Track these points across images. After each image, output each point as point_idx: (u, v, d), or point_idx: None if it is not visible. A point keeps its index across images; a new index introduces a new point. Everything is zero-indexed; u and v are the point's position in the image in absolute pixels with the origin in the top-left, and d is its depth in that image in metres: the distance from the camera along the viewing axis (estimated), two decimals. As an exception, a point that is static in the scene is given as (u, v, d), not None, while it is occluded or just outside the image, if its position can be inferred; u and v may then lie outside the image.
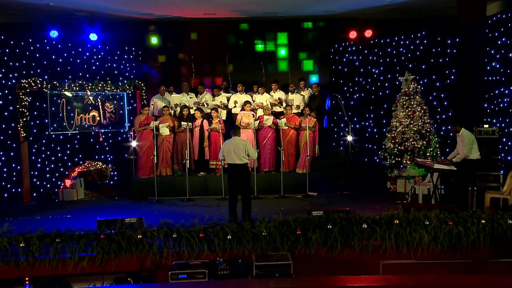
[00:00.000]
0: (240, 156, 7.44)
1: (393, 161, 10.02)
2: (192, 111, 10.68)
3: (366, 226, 6.16)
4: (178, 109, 10.82)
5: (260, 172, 10.16)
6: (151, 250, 6.03)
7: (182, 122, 10.03)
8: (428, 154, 9.69)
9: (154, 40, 12.32)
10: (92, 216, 7.53)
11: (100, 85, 10.91)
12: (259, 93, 11.05)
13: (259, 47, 12.72)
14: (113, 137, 11.45)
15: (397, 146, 9.95)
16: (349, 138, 10.93)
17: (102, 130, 11.20)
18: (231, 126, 8.40)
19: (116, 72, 11.62)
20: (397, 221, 6.19)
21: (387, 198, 9.24)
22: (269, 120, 10.14)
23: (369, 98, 12.07)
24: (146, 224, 6.47)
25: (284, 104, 10.79)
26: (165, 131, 10.09)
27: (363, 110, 12.15)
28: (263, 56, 12.65)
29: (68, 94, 10.55)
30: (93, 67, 11.33)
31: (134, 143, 10.23)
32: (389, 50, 11.71)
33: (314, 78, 12.87)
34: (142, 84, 11.62)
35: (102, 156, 11.31)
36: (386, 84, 11.69)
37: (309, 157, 9.95)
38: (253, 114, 10.18)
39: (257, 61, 12.60)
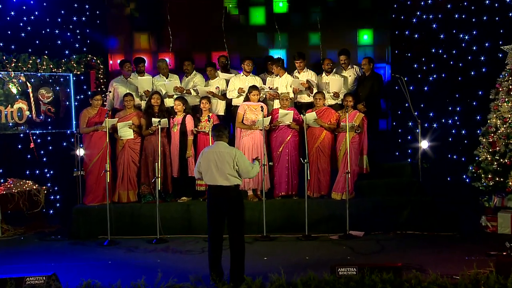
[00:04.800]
0: (225, 174, 7.01)
1: (492, 183, 9.72)
2: (169, 102, 10.56)
3: (428, 298, 5.80)
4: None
5: (274, 198, 10.09)
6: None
7: (153, 119, 9.81)
8: (550, 171, 9.50)
9: None
10: (5, 269, 7.48)
11: (31, 61, 10.80)
12: (277, 76, 10.76)
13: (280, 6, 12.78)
14: (53, 141, 11.39)
15: (498, 157, 9.72)
16: (421, 144, 10.63)
17: (37, 131, 11.07)
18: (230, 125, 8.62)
19: (59, 42, 11.54)
20: (484, 290, 5.75)
21: (479, 243, 8.86)
22: (287, 115, 9.89)
23: (453, 81, 11.69)
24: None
25: (315, 91, 10.51)
26: (127, 133, 9.95)
27: (444, 100, 11.82)
28: (279, 18, 12.74)
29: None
30: (22, 34, 11.22)
31: (81, 152, 10.11)
32: (487, 2, 11.28)
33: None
34: (99, 61, 11.65)
35: (37, 172, 11.26)
36: (482, 58, 11.23)
37: (352, 174, 9.74)
38: (261, 107, 9.83)
39: (271, 25, 12.61)
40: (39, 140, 11.09)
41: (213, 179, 7.08)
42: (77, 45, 11.60)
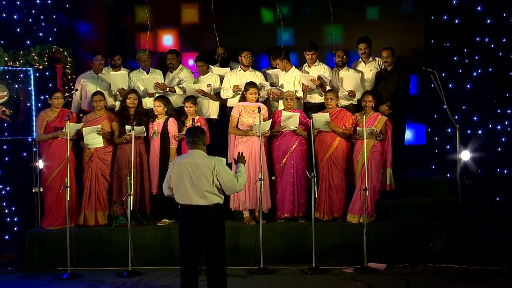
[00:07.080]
0: (202, 191, 6.95)
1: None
2: (149, 103, 10.66)
3: None
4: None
5: (276, 221, 10.13)
6: None
7: (126, 126, 9.87)
8: None
9: None
10: None
11: (-19, 53, 10.96)
12: (284, 71, 10.77)
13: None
14: (11, 151, 11.44)
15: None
16: (460, 155, 10.67)
17: (-11, 139, 11.36)
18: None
19: (18, 30, 11.59)
20: None
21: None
22: (292, 119, 9.89)
23: (503, 77, 11.68)
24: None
25: (327, 88, 10.52)
26: (95, 140, 9.98)
27: (491, 101, 11.81)
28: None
29: None
30: (-30, 20, 11.43)
31: (41, 164, 10.18)
32: (544, -22, 11.36)
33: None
34: (67, 53, 11.60)
35: (-11, 188, 11.36)
36: (539, 49, 11.24)
37: (373, 192, 9.78)
38: (259, 108, 9.73)
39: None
40: (-10, 150, 11.32)
41: (187, 198, 6.98)
42: (41, 34, 11.59)
